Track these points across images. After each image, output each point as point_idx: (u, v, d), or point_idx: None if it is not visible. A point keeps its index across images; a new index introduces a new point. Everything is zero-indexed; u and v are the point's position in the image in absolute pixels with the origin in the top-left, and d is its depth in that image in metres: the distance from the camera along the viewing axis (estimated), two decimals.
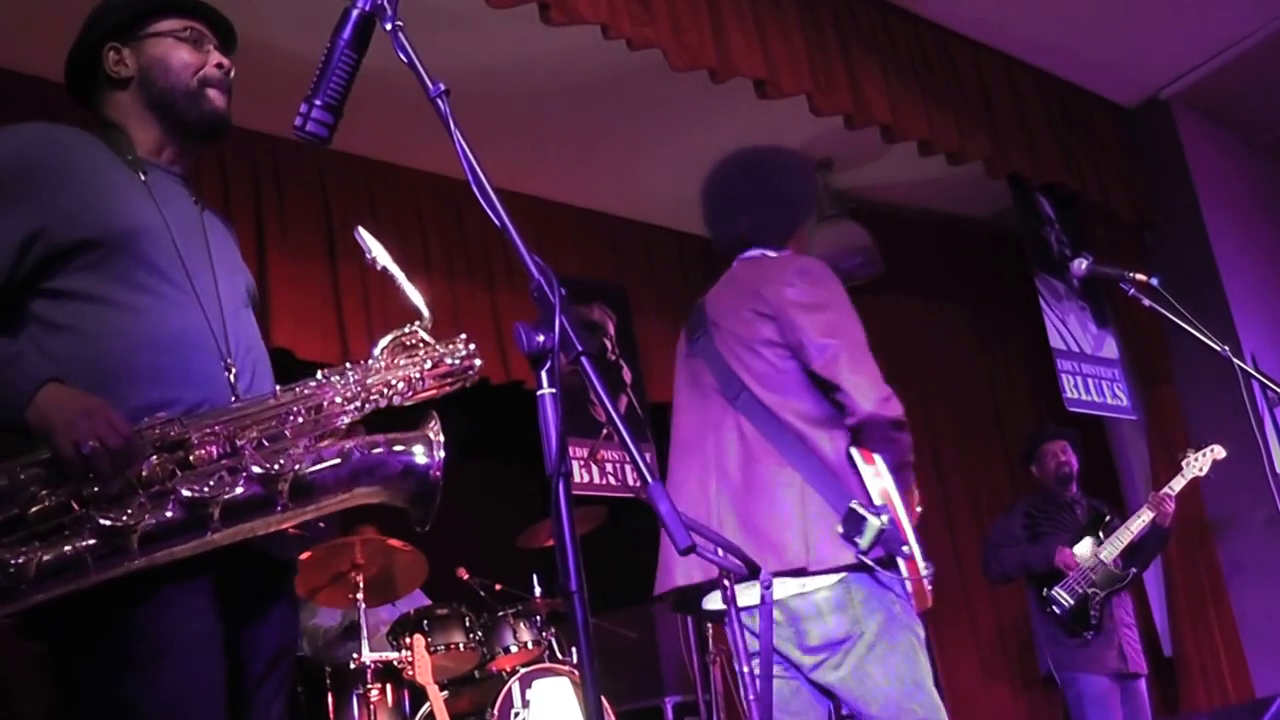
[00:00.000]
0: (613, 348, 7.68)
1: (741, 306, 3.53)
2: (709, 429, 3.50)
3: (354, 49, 2.23)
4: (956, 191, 8.01)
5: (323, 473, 2.37)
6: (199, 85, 2.59)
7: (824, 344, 3.36)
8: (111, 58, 2.60)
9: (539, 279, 1.91)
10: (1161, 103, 7.86)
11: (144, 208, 2.47)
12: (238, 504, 2.27)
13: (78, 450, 2.13)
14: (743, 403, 3.42)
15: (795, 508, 3.25)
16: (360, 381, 2.48)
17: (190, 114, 2.60)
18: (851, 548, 3.16)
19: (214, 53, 2.64)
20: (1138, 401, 7.45)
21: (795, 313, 3.42)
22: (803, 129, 7.01)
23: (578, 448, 6.94)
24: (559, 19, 5.02)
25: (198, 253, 2.52)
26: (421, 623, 5.69)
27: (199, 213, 2.62)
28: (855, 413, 3.32)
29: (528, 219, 7.52)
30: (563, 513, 1.78)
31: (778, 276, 3.52)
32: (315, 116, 2.24)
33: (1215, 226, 7.57)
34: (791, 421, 3.36)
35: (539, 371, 1.84)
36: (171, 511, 2.21)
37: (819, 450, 3.32)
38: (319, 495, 2.37)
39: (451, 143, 2.00)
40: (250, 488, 2.28)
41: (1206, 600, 7.15)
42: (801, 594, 3.24)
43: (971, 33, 6.97)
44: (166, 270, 2.44)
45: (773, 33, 5.84)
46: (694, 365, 3.65)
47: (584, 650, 1.76)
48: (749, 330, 3.48)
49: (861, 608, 3.23)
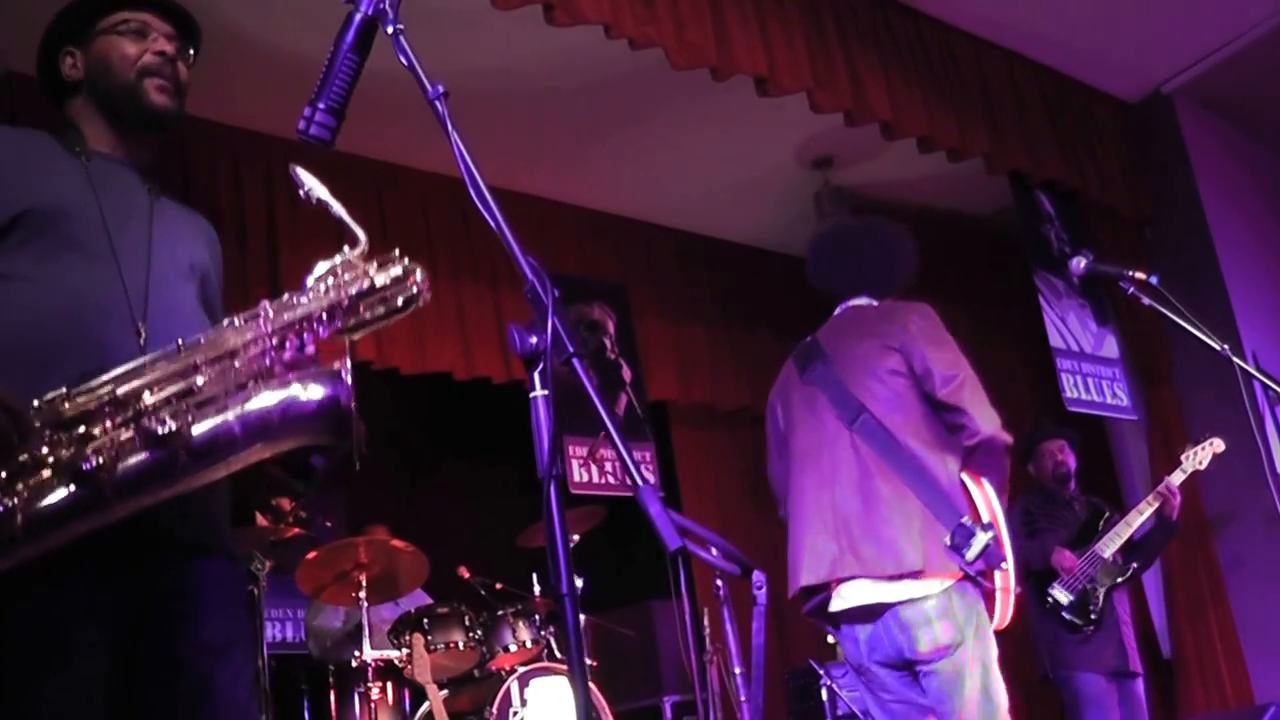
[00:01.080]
0: (612, 346, 7.69)
1: (867, 341, 4.04)
2: (824, 446, 3.98)
3: (356, 53, 2.24)
4: (956, 188, 8.02)
5: (226, 425, 2.21)
6: (137, 77, 2.55)
7: (950, 374, 3.88)
8: (67, 62, 2.60)
9: (532, 280, 1.89)
10: (1163, 97, 7.85)
11: (76, 190, 2.45)
12: (133, 471, 2.14)
13: None
14: (861, 424, 3.89)
15: (911, 520, 3.70)
16: (279, 317, 2.33)
17: (128, 109, 2.57)
18: (958, 559, 3.61)
19: (157, 41, 2.59)
20: (1138, 401, 7.43)
21: (923, 345, 3.94)
22: (803, 126, 7.03)
23: (577, 446, 6.95)
24: (563, 19, 5.05)
25: (135, 233, 2.48)
26: (422, 621, 5.71)
27: (149, 200, 2.58)
28: (976, 434, 3.80)
29: (529, 218, 7.55)
30: (554, 515, 1.77)
31: (903, 318, 4.06)
32: (319, 120, 2.24)
33: (1217, 222, 7.55)
34: (910, 444, 3.80)
35: (531, 373, 1.84)
36: (65, 488, 2.11)
37: (933, 470, 3.76)
38: (224, 452, 2.23)
39: (450, 145, 1.99)
40: (149, 452, 2.16)
41: (1206, 601, 7.14)
42: (912, 601, 3.69)
43: (972, 28, 6.97)
44: (88, 246, 2.39)
45: (774, 30, 5.85)
46: (809, 391, 4.14)
47: (574, 651, 1.77)
48: (874, 362, 3.97)
49: (962, 616, 3.67)
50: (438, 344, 6.96)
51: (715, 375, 8.36)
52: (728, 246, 8.77)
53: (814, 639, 8.28)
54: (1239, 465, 6.29)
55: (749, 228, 8.65)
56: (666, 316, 8.20)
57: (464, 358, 7.01)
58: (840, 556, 3.81)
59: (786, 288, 8.60)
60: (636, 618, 7.26)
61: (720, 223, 8.55)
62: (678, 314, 8.28)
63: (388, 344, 6.71)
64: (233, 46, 5.29)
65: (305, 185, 2.48)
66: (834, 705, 6.60)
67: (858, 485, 3.83)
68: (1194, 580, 7.22)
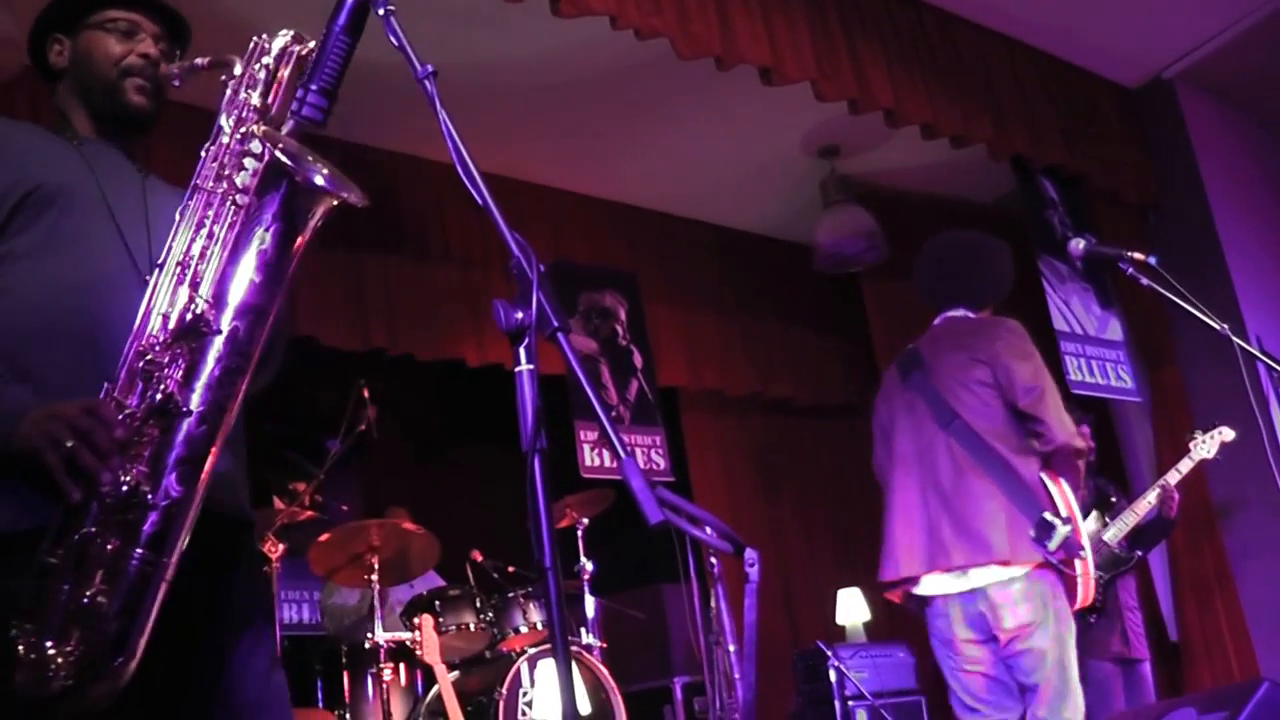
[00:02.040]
0: (624, 333, 7.75)
1: (959, 353, 4.50)
2: (923, 447, 4.48)
3: (349, 34, 2.25)
4: (960, 175, 8.05)
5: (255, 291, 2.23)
6: (118, 76, 2.57)
7: (1031, 386, 4.33)
8: (54, 49, 2.62)
9: (518, 255, 1.90)
10: (1165, 83, 7.84)
11: (74, 170, 2.46)
12: (215, 379, 2.18)
13: (59, 446, 2.06)
14: (955, 429, 4.37)
15: (999, 513, 4.19)
16: (217, 160, 2.37)
17: (105, 107, 2.59)
18: (1041, 549, 4.09)
19: (144, 42, 2.60)
20: (1142, 383, 7.45)
21: (1009, 359, 4.37)
22: (809, 115, 7.07)
23: (588, 430, 7.00)
24: (569, 11, 5.09)
25: (133, 208, 2.50)
26: (433, 603, 5.77)
27: (140, 178, 2.59)
28: (1053, 440, 4.32)
29: (540, 208, 7.62)
30: (538, 490, 1.78)
31: (992, 332, 4.50)
32: (310, 101, 2.27)
33: (1220, 207, 7.54)
34: (997, 447, 4.29)
35: (517, 348, 1.84)
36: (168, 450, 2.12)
37: (1018, 470, 4.24)
38: (261, 305, 2.24)
39: (438, 123, 2.02)
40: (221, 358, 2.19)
41: (1212, 584, 7.11)
42: (1000, 583, 4.21)
43: (974, 16, 6.98)
44: (93, 221, 2.42)
45: (777, 20, 5.89)
46: (909, 397, 4.61)
47: (555, 625, 1.78)
48: (965, 373, 4.44)
49: (1043, 598, 4.18)
50: (451, 331, 7.05)
51: (725, 361, 8.43)
52: (736, 234, 8.82)
53: (822, 620, 8.37)
54: (1244, 448, 6.26)
55: (757, 216, 8.70)
56: (676, 303, 8.26)
57: (476, 345, 7.09)
58: (934, 549, 4.31)
59: (794, 275, 8.69)
60: (647, 600, 7.33)
61: (728, 211, 8.60)
62: (687, 301, 8.34)
63: (402, 331, 6.79)
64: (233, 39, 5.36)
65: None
66: (842, 686, 6.64)
67: (952, 482, 4.33)
68: (1200, 564, 7.20)
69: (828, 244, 7.85)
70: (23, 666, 2.03)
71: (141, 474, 2.09)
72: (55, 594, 2.04)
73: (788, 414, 9.00)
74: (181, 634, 2.28)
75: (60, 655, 2.01)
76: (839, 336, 9.10)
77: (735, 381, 8.48)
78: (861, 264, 8.02)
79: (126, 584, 2.06)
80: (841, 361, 9.14)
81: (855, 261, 7.97)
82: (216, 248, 2.27)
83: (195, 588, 2.29)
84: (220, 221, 2.30)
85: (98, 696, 2.05)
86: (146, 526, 2.08)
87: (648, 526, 1.69)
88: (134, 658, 2.07)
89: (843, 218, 7.84)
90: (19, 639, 2.03)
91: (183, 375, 2.16)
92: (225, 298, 2.21)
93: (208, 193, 2.33)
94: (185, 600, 2.23)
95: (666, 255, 8.35)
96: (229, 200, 2.32)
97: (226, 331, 2.19)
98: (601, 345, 7.61)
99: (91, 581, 2.04)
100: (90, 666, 2.03)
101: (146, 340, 2.20)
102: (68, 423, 2.07)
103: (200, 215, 2.31)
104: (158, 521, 2.10)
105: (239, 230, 2.27)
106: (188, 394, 2.15)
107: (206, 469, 2.17)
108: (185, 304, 2.22)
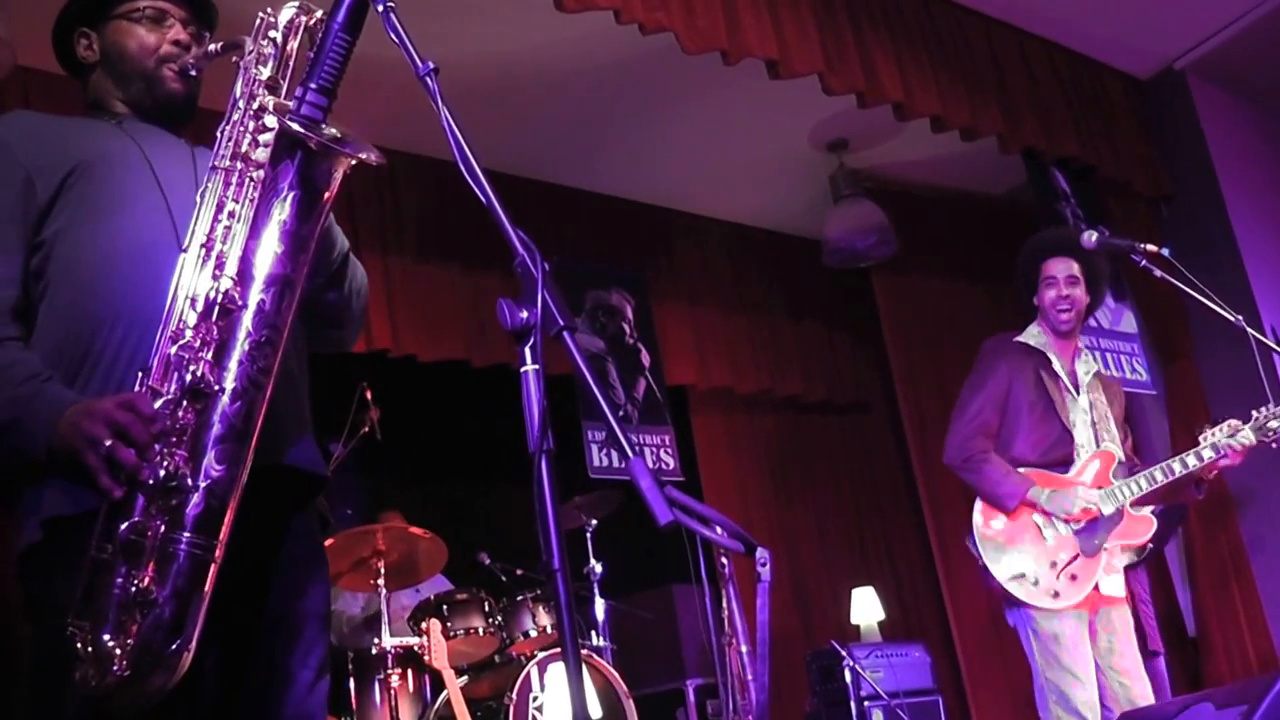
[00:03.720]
0: (631, 331, 7.70)
1: None
2: None
3: (348, 32, 2.25)
4: (970, 168, 8.00)
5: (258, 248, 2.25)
6: (155, 65, 2.57)
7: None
8: (82, 44, 2.61)
9: (522, 254, 1.88)
10: (1176, 73, 7.78)
11: (116, 142, 2.47)
12: (249, 361, 2.20)
13: (97, 445, 2.07)
14: None
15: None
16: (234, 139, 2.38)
17: (145, 99, 2.58)
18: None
19: (174, 28, 2.59)
20: (1157, 376, 7.39)
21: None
22: (817, 109, 7.02)
23: (594, 430, 6.95)
24: (572, 5, 5.06)
25: (180, 174, 2.48)
26: (441, 608, 5.72)
27: (189, 147, 2.59)
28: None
29: (545, 205, 7.58)
30: (545, 491, 1.77)
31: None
32: (310, 100, 2.26)
33: (1233, 199, 7.49)
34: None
35: (522, 348, 1.82)
36: (212, 426, 2.14)
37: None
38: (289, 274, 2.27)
39: (439, 119, 2.00)
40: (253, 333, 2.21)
41: (1229, 577, 7.08)
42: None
43: (983, 7, 6.93)
44: (136, 188, 2.42)
45: (784, 13, 5.84)
46: None
47: (565, 628, 1.76)
48: None
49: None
50: (453, 331, 6.99)
51: (734, 359, 8.36)
52: (744, 230, 8.75)
53: (836, 620, 8.31)
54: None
55: (765, 211, 8.64)
56: (684, 301, 8.20)
57: (480, 345, 7.04)
58: None
59: (803, 270, 8.62)
60: (657, 602, 7.27)
61: (736, 207, 8.54)
62: (695, 298, 8.28)
63: (404, 331, 6.74)
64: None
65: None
66: (857, 686, 6.60)
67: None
68: (1217, 557, 7.16)
69: (837, 239, 7.81)
70: (83, 661, 2.04)
71: (181, 458, 2.11)
72: (109, 587, 2.06)
73: (799, 411, 8.93)
74: (234, 633, 2.33)
75: (119, 647, 2.03)
76: (850, 332, 9.04)
77: (745, 379, 8.41)
78: (872, 259, 7.96)
79: (176, 569, 2.08)
80: (852, 357, 9.08)
81: (865, 256, 7.91)
82: (238, 224, 2.28)
83: (253, 568, 2.35)
84: (239, 198, 2.31)
85: (155, 686, 2.07)
86: (190, 509, 2.10)
87: (657, 527, 1.68)
88: (190, 644, 2.08)
89: (852, 212, 7.80)
90: (76, 636, 2.05)
91: (213, 355, 2.17)
92: (250, 272, 2.22)
93: (225, 170, 2.34)
94: (239, 591, 2.27)
95: (673, 252, 8.30)
96: (246, 176, 2.33)
97: (254, 305, 2.21)
98: (608, 344, 7.55)
99: (143, 571, 2.06)
100: (147, 654, 2.04)
101: (178, 325, 2.21)
102: (105, 419, 2.08)
103: (220, 194, 2.32)
104: (200, 502, 2.11)
105: (258, 204, 2.28)
106: (220, 373, 2.17)
107: (251, 445, 2.19)
108: (210, 284, 2.23)
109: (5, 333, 2.29)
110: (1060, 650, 4.41)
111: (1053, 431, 4.65)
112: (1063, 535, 4.51)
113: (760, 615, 3.14)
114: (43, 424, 2.15)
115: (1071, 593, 4.44)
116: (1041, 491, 4.53)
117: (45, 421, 2.15)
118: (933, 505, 7.90)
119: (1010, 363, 4.75)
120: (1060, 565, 4.47)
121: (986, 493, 4.58)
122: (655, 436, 7.50)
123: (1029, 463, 4.63)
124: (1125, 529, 4.59)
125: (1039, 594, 4.44)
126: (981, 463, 4.59)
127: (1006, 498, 4.52)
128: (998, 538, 4.54)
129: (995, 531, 4.55)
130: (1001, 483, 4.54)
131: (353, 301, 2.66)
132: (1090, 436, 4.68)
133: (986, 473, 4.57)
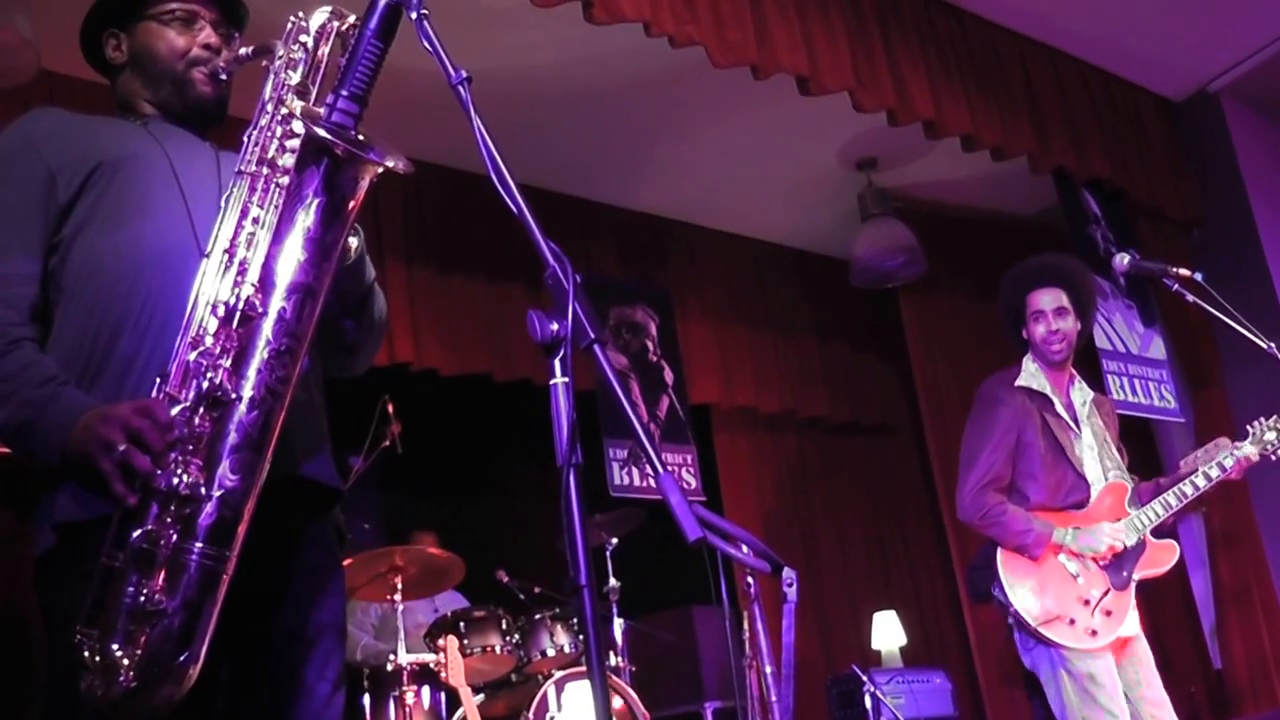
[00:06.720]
0: (655, 349, 7.66)
1: None
2: None
3: (381, 39, 2.22)
4: (1000, 189, 7.97)
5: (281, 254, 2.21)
6: (185, 68, 2.55)
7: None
8: (110, 44, 2.60)
9: (553, 266, 1.86)
10: (1210, 96, 7.74)
11: (141, 143, 2.46)
12: (270, 365, 2.16)
13: (111, 450, 2.05)
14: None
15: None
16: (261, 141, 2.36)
17: (175, 102, 2.56)
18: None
19: (204, 31, 2.57)
20: (1186, 404, 7.32)
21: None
22: (846, 127, 6.98)
23: (617, 449, 6.90)
24: (602, 17, 5.02)
25: (204, 179, 2.46)
26: (458, 625, 5.67)
27: (213, 151, 2.56)
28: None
29: (571, 220, 7.55)
30: (573, 505, 1.74)
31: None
32: (341, 107, 2.23)
33: (1266, 223, 7.43)
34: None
35: (552, 360, 1.81)
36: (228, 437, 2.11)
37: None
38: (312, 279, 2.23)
39: (471, 130, 1.97)
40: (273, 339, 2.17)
41: (1256, 609, 7.01)
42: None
43: (1016, 25, 6.90)
44: (157, 191, 2.40)
45: (815, 28, 5.81)
46: None
47: (591, 642, 1.73)
48: None
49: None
50: (476, 346, 6.95)
51: (758, 378, 8.30)
52: (771, 249, 8.71)
53: (857, 644, 8.23)
54: None
55: (792, 230, 8.60)
56: (709, 319, 8.16)
57: (503, 360, 7.00)
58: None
59: (830, 289, 8.57)
60: (677, 623, 7.20)
61: (763, 225, 8.50)
62: (720, 316, 8.23)
63: (426, 346, 6.70)
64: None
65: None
66: (877, 712, 6.53)
67: None
68: (1243, 588, 7.11)
69: (865, 258, 7.75)
70: (90, 671, 2.02)
71: (196, 467, 2.08)
72: (119, 596, 2.03)
73: (822, 432, 8.87)
74: (249, 645, 2.32)
75: (127, 657, 2.00)
76: (876, 353, 8.99)
77: (769, 399, 8.35)
78: (900, 279, 7.91)
79: (186, 579, 2.05)
80: (878, 379, 9.03)
81: (893, 276, 7.86)
82: (261, 231, 2.24)
83: (268, 580, 2.33)
84: (264, 205, 2.27)
85: (162, 698, 2.04)
86: (203, 519, 2.07)
87: (685, 544, 1.66)
88: (198, 657, 2.06)
89: (881, 231, 7.74)
90: (84, 645, 2.03)
91: (232, 362, 2.13)
92: (272, 279, 2.19)
93: (251, 176, 2.31)
94: (254, 603, 2.26)
95: (699, 269, 8.26)
96: (272, 182, 2.29)
97: (274, 314, 2.17)
98: (632, 361, 7.50)
99: (153, 580, 2.04)
100: (154, 666, 2.02)
101: (198, 331, 2.18)
102: (121, 425, 2.07)
103: (245, 200, 2.28)
104: (214, 512, 2.08)
105: (282, 210, 2.24)
106: (238, 381, 2.13)
107: (267, 455, 2.15)
108: (231, 290, 2.19)
109: (23, 333, 2.27)
110: (1097, 690, 4.31)
111: (1067, 477, 4.58)
112: (1092, 572, 4.44)
113: (786, 636, 3.09)
114: (57, 428, 2.13)
115: (1108, 629, 4.36)
116: (1066, 532, 4.46)
117: (60, 425, 2.13)
118: (956, 530, 7.82)
119: (1014, 409, 4.65)
120: (1094, 602, 4.39)
121: (1011, 544, 4.49)
122: (677, 455, 7.44)
123: (1046, 509, 4.56)
124: (1150, 558, 4.54)
125: (1077, 634, 4.35)
126: (1000, 515, 4.50)
127: (1034, 546, 4.44)
128: (1027, 584, 4.45)
129: (1023, 578, 4.46)
130: (1026, 532, 4.45)
131: (370, 331, 2.64)
132: (1099, 472, 4.63)
133: (1008, 524, 4.48)
